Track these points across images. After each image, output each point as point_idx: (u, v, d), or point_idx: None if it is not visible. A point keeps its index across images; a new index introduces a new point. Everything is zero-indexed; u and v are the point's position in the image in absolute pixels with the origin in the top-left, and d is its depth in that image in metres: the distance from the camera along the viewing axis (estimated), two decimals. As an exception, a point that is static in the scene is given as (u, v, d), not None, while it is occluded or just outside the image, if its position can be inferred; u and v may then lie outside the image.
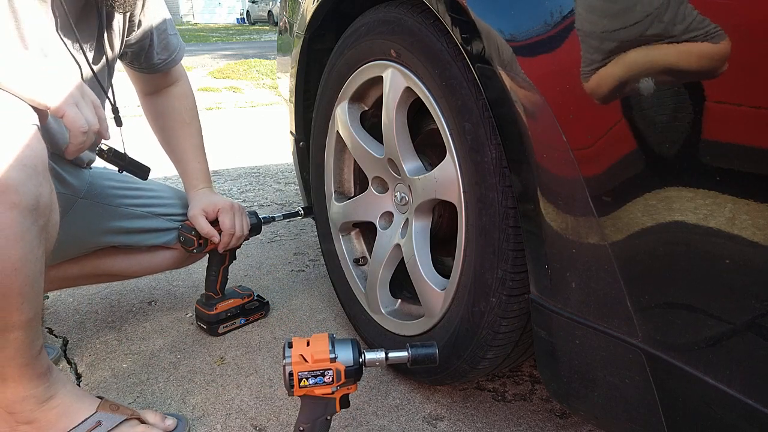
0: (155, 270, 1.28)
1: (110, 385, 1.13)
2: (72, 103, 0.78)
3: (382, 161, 1.07)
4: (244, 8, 26.77)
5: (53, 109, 0.77)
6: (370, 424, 1.03)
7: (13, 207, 0.72)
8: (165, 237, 1.22)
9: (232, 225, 1.21)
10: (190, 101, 1.28)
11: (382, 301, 1.12)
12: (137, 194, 1.20)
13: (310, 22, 1.21)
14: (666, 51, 0.52)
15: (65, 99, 0.77)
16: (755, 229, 0.49)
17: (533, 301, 0.75)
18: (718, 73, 0.49)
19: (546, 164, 0.66)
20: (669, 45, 0.52)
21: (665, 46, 0.52)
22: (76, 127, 0.78)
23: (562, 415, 1.05)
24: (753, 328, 0.51)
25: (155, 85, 1.25)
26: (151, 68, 1.19)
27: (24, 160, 0.72)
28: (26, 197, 0.73)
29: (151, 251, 1.24)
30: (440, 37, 0.84)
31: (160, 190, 1.26)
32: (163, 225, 1.21)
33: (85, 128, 0.79)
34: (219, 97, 5.04)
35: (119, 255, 1.22)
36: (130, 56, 1.16)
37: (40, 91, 0.76)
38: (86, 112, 0.80)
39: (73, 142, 0.80)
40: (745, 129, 0.48)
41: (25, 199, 0.73)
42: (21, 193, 0.72)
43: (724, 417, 0.55)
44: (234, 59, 8.01)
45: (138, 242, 1.20)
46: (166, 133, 1.28)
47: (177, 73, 1.26)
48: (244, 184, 2.53)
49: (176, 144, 1.26)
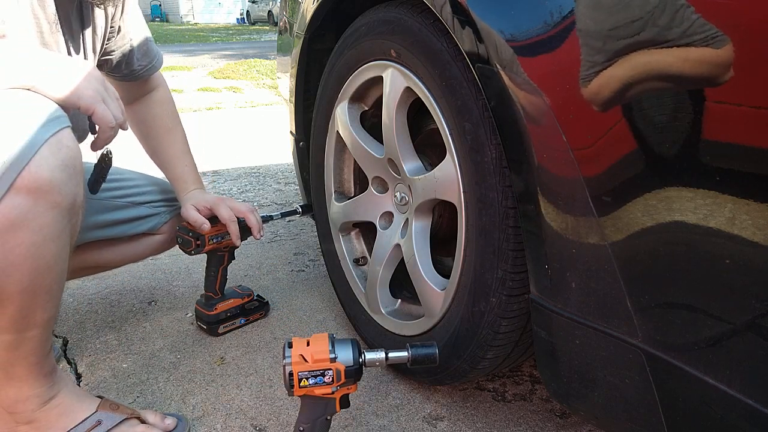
0: (141, 257, 1.29)
1: (110, 385, 1.13)
2: (100, 100, 0.80)
3: (382, 161, 1.07)
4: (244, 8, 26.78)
5: (83, 108, 0.79)
6: (370, 424, 1.03)
7: (55, 206, 0.74)
8: (149, 224, 1.24)
9: (230, 213, 1.21)
10: (171, 107, 1.29)
11: (382, 301, 1.12)
12: (116, 186, 1.21)
13: (310, 22, 1.21)
14: (666, 51, 0.52)
15: (93, 96, 0.79)
16: (755, 229, 0.49)
17: (533, 301, 0.75)
18: (718, 74, 0.49)
19: (546, 164, 0.66)
20: (669, 45, 0.52)
21: (665, 47, 0.52)
22: (105, 123, 0.81)
23: (562, 415, 1.05)
24: (753, 328, 0.51)
25: (136, 92, 1.25)
26: (132, 74, 1.20)
27: (66, 160, 0.74)
28: (67, 197, 0.75)
29: (135, 239, 1.24)
30: (440, 37, 0.84)
31: (136, 178, 1.26)
32: (146, 212, 1.22)
33: (113, 123, 0.82)
34: (219, 97, 5.04)
35: (104, 247, 1.22)
36: (111, 64, 1.15)
37: (69, 91, 0.77)
38: (113, 107, 0.82)
39: (101, 137, 0.83)
40: (745, 129, 0.48)
41: (66, 200, 0.75)
42: (63, 193, 0.74)
43: (724, 417, 0.55)
44: (234, 59, 8.01)
45: (123, 232, 1.21)
46: (150, 140, 1.28)
47: (157, 80, 1.27)
48: (244, 184, 2.53)
49: (162, 150, 1.26)
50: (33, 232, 0.72)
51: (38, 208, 0.72)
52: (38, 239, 0.73)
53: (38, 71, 0.76)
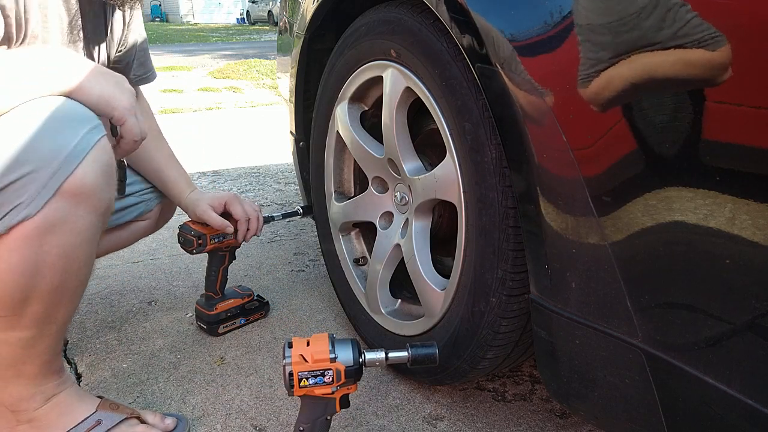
0: (127, 243, 1.28)
1: (110, 385, 1.13)
2: (132, 113, 0.82)
3: (382, 161, 1.07)
4: (244, 8, 26.79)
5: (117, 118, 0.81)
6: (370, 424, 1.03)
7: (94, 210, 0.76)
8: (137, 211, 1.23)
9: (244, 211, 1.22)
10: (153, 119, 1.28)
11: (382, 301, 1.12)
12: None
13: (310, 22, 1.21)
14: (666, 51, 0.52)
15: (128, 109, 0.81)
16: (755, 229, 0.49)
17: (533, 301, 0.75)
18: (718, 73, 0.49)
19: (546, 164, 0.66)
20: (669, 45, 0.52)
21: (665, 47, 0.52)
22: (133, 135, 0.83)
23: (562, 415, 1.05)
24: (753, 328, 0.51)
25: None
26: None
27: (106, 167, 0.76)
28: (104, 202, 0.77)
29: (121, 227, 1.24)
30: (440, 37, 0.84)
31: None
32: (133, 201, 1.22)
33: (138, 138, 0.84)
34: (219, 97, 5.03)
35: None
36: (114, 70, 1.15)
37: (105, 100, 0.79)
38: (142, 122, 0.84)
39: (124, 148, 0.85)
40: (745, 129, 0.48)
41: (102, 204, 0.77)
42: (102, 198, 0.77)
43: (724, 417, 0.55)
44: (234, 59, 8.01)
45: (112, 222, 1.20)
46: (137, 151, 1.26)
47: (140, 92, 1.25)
48: (244, 184, 2.53)
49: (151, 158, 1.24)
50: (71, 234, 0.75)
51: (78, 212, 0.74)
52: (75, 241, 0.75)
53: (74, 77, 0.77)
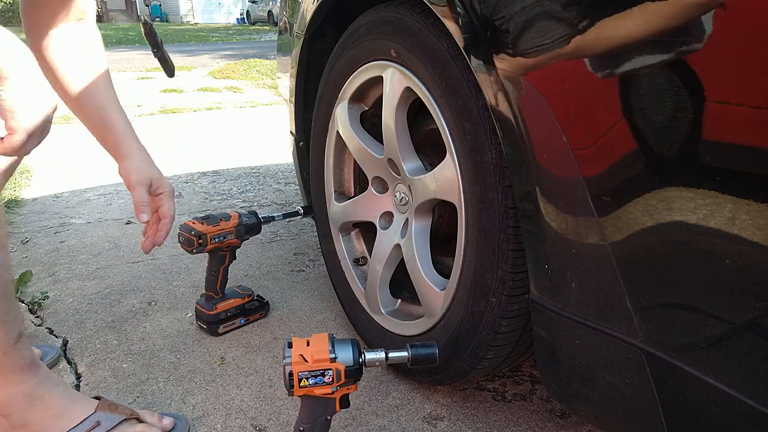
0: None
1: (110, 385, 1.13)
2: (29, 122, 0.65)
3: (382, 161, 1.07)
4: (244, 8, 26.78)
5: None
6: (370, 424, 1.02)
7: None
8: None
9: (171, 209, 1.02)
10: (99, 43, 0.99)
11: (382, 301, 1.12)
12: None
13: (310, 22, 1.21)
14: (666, 51, 0.52)
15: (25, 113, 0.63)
16: (755, 229, 0.49)
17: (533, 301, 0.75)
18: (719, 73, 0.49)
19: (546, 164, 0.66)
20: (669, 44, 0.52)
21: (665, 46, 0.52)
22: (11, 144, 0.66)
23: (562, 415, 1.05)
24: (753, 328, 0.51)
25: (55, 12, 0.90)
26: None
27: None
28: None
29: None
30: (440, 37, 0.84)
31: None
32: None
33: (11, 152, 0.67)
34: (219, 97, 5.03)
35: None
36: None
37: None
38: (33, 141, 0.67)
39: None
40: (745, 129, 0.48)
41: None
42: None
43: (724, 417, 0.55)
44: (234, 59, 8.01)
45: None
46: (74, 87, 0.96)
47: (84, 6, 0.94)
48: (244, 184, 2.53)
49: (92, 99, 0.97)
50: None
51: None
52: None
53: None
